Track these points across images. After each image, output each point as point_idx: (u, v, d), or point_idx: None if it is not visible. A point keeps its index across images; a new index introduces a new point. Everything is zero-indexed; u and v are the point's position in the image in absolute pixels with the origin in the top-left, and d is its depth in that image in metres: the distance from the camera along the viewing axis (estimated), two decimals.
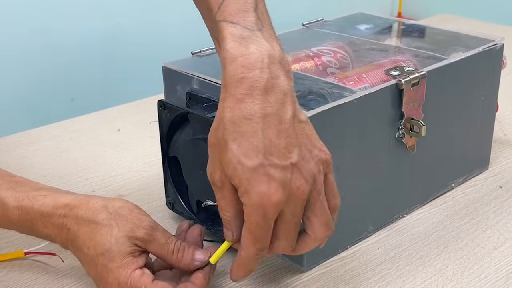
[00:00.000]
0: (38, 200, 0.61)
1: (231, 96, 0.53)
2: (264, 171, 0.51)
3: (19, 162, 0.93)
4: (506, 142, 0.96)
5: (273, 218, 0.53)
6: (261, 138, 0.51)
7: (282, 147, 0.52)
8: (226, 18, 0.55)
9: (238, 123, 0.52)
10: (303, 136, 0.55)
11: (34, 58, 1.81)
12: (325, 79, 0.73)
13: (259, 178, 0.51)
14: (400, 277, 0.68)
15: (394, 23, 0.99)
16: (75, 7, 1.85)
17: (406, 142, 0.73)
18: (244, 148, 0.51)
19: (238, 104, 0.52)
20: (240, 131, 0.52)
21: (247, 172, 0.51)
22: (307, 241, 0.57)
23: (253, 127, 0.52)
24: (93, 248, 0.58)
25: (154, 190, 0.85)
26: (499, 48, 0.82)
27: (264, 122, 0.52)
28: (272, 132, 0.52)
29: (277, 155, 0.52)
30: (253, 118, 0.52)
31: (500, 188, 0.84)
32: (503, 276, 0.68)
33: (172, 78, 0.74)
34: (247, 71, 0.52)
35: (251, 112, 0.52)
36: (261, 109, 0.52)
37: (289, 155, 0.52)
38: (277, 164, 0.52)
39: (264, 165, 0.51)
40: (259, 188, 0.51)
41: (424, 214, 0.79)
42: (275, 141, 0.52)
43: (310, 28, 0.93)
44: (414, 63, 0.78)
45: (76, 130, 1.04)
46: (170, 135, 0.72)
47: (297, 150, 0.53)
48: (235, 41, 0.54)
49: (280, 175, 0.52)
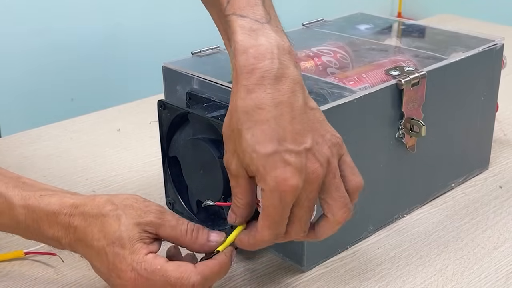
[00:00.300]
0: (44, 199, 0.61)
1: (242, 86, 0.54)
2: (280, 157, 0.52)
3: (19, 162, 0.93)
4: (506, 142, 0.96)
5: (290, 203, 0.54)
6: (274, 125, 0.53)
7: (295, 133, 0.53)
8: (235, 11, 0.57)
9: (251, 112, 0.53)
10: (315, 122, 0.56)
11: (34, 58, 1.82)
12: (325, 79, 0.73)
13: (275, 164, 0.52)
14: (400, 277, 0.68)
15: (394, 23, 0.99)
16: (75, 7, 1.85)
17: (406, 142, 0.73)
18: (258, 137, 0.53)
19: (250, 94, 0.53)
20: (253, 120, 0.53)
21: (262, 159, 0.53)
22: (327, 225, 0.58)
23: (265, 116, 0.53)
24: (103, 239, 0.58)
25: (154, 190, 0.85)
26: (499, 48, 0.82)
27: (277, 110, 0.53)
28: (284, 119, 0.53)
29: (291, 141, 0.53)
30: (265, 107, 0.53)
31: (500, 188, 0.84)
32: (503, 276, 0.68)
33: (172, 78, 0.74)
34: (257, 61, 0.54)
35: (263, 101, 0.53)
36: (273, 98, 0.53)
37: (303, 140, 0.53)
38: (292, 149, 0.53)
39: (279, 151, 0.53)
40: (275, 173, 0.52)
41: (424, 214, 0.79)
42: (288, 127, 0.53)
43: (310, 28, 0.93)
44: (414, 63, 0.78)
45: (76, 130, 1.04)
46: (170, 135, 0.72)
47: (311, 135, 0.54)
48: (245, 33, 0.55)
49: (295, 160, 0.53)
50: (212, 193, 0.66)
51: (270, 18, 0.57)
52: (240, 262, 0.70)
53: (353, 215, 0.59)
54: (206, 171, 0.67)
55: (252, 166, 0.53)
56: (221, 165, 0.65)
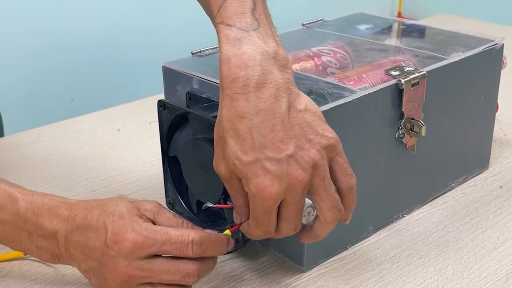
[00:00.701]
0: (47, 196, 0.64)
1: (226, 96, 0.55)
2: (260, 165, 0.54)
3: (19, 162, 0.93)
4: (506, 142, 0.96)
5: (272, 207, 0.55)
6: (255, 134, 0.54)
7: (276, 140, 0.54)
8: (223, 20, 0.58)
9: (233, 121, 0.55)
10: (303, 126, 0.56)
11: (34, 58, 1.81)
12: (325, 79, 0.73)
13: (256, 171, 0.54)
14: (400, 277, 0.68)
15: (394, 23, 0.99)
16: (75, 7, 1.85)
17: (406, 142, 0.73)
18: (240, 145, 0.54)
19: (233, 103, 0.55)
20: (235, 128, 0.55)
21: (244, 166, 0.54)
22: (320, 225, 0.59)
23: (246, 124, 0.54)
24: (102, 214, 0.60)
25: (154, 190, 0.85)
26: (499, 48, 0.82)
27: (258, 118, 0.54)
28: (265, 127, 0.54)
29: (272, 149, 0.54)
30: (246, 116, 0.54)
31: (500, 188, 0.84)
32: (503, 276, 0.68)
33: (172, 78, 0.74)
34: (239, 70, 0.55)
35: (245, 110, 0.54)
36: (254, 106, 0.54)
37: (284, 147, 0.54)
38: (272, 157, 0.54)
39: (259, 159, 0.54)
40: (256, 181, 0.54)
41: (424, 214, 0.79)
42: (269, 135, 0.54)
43: (310, 28, 0.93)
44: (414, 63, 0.78)
45: (76, 130, 1.04)
46: (170, 135, 0.72)
47: (293, 141, 0.55)
48: (229, 43, 0.56)
49: (275, 168, 0.54)
50: (212, 193, 0.66)
51: (259, 25, 0.58)
52: (240, 262, 0.70)
53: (353, 214, 0.59)
54: (206, 171, 0.67)
55: (236, 172, 0.55)
56: None
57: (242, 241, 0.66)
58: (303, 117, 0.56)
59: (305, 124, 0.56)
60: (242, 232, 0.64)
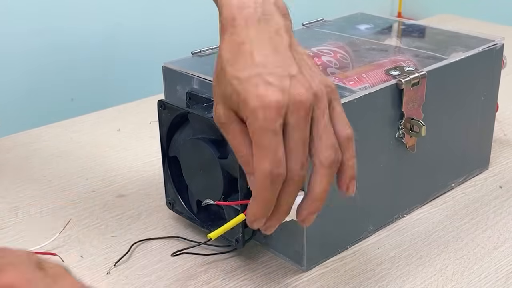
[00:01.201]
0: None
1: (226, 34, 0.54)
2: (261, 78, 0.51)
3: (19, 162, 0.93)
4: (506, 142, 0.96)
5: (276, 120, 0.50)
6: (256, 55, 0.52)
7: (279, 60, 0.52)
8: None
9: (234, 50, 0.52)
10: (304, 64, 0.54)
11: (34, 58, 1.81)
12: None
13: (256, 83, 0.51)
14: (400, 277, 0.68)
15: (394, 23, 0.99)
16: (75, 7, 1.85)
17: (406, 142, 0.73)
18: (239, 65, 0.52)
19: (232, 36, 0.53)
20: (236, 54, 0.52)
21: (244, 82, 0.51)
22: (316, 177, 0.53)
23: (248, 48, 0.52)
24: None
25: (154, 190, 0.85)
26: (499, 48, 0.82)
27: (259, 43, 0.52)
28: (268, 50, 0.52)
29: (273, 67, 0.51)
30: (248, 42, 0.52)
31: (500, 188, 0.84)
32: (503, 276, 0.68)
33: (172, 78, 0.74)
34: (240, 10, 0.54)
35: (245, 37, 0.53)
36: (256, 35, 0.53)
37: (287, 68, 0.52)
38: (274, 72, 0.51)
39: (260, 74, 0.51)
40: (257, 92, 0.50)
41: (424, 214, 0.79)
42: (271, 57, 0.52)
43: (310, 28, 0.93)
44: (414, 63, 0.78)
45: (76, 130, 1.04)
46: (170, 135, 0.72)
47: (297, 66, 0.52)
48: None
49: (278, 81, 0.51)
50: (212, 193, 0.67)
51: None
52: (240, 262, 0.70)
53: (353, 214, 0.59)
54: (206, 171, 0.67)
55: (234, 95, 0.51)
56: (221, 165, 0.65)
57: (242, 241, 0.66)
58: (303, 58, 0.54)
59: (305, 64, 0.54)
60: (242, 232, 0.64)
